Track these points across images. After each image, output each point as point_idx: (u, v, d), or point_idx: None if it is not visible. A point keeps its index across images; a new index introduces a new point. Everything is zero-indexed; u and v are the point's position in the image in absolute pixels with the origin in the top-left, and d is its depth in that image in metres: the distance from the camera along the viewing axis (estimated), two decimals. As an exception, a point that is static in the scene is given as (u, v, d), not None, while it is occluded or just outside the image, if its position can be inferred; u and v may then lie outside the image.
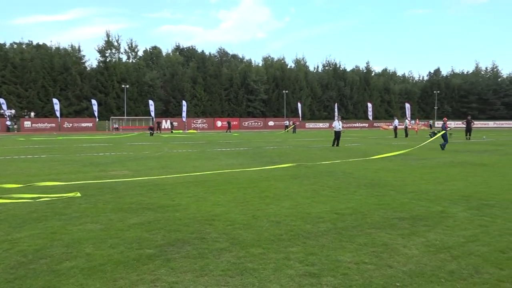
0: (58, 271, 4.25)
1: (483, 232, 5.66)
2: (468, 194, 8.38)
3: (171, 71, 71.11)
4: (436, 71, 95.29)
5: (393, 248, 4.98)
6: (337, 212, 6.80)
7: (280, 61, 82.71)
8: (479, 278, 4.05)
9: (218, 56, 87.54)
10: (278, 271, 4.23)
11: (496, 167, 13.07)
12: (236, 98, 74.38)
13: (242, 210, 7.02)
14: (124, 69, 66.08)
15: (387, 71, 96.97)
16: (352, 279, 4.03)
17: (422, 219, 6.38)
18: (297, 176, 11.03)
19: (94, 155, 18.15)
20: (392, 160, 15.24)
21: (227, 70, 75.95)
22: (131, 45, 72.64)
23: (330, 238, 5.39)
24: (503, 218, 6.43)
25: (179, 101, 66.37)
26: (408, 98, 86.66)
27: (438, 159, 15.53)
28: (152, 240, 5.32)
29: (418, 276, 4.09)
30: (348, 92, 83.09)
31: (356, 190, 8.88)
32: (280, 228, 5.84)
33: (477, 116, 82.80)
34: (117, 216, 6.58)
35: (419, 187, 9.34)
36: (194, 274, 4.18)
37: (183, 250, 4.90)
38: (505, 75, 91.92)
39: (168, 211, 6.97)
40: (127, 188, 9.21)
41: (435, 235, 5.50)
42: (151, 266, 4.40)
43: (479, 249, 4.94)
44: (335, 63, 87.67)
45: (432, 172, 11.96)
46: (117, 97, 65.09)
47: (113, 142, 28.99)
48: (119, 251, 4.86)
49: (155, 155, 18.13)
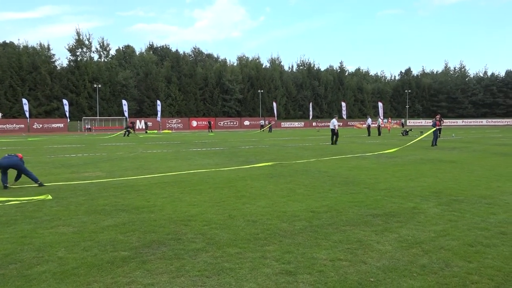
0: (29, 276, 4.13)
1: (452, 227, 5.84)
2: (438, 190, 8.64)
3: (145, 70, 70.11)
4: (407, 71, 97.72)
5: (367, 244, 5.08)
6: (312, 210, 6.88)
7: (255, 60, 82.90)
8: (449, 271, 4.19)
9: (192, 55, 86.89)
10: (254, 270, 4.25)
11: (465, 164, 13.52)
12: (212, 97, 74.05)
13: (218, 210, 7.01)
14: (96, 68, 64.72)
15: (360, 70, 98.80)
16: (328, 275, 4.09)
17: (395, 215, 6.53)
18: (273, 175, 11.09)
19: (66, 156, 17.69)
20: (366, 158, 15.53)
21: (202, 70, 75.50)
22: (103, 43, 71.25)
23: (306, 236, 5.45)
24: (471, 213, 6.67)
25: (154, 101, 65.53)
26: (380, 97, 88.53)
27: (409, 157, 15.93)
28: (126, 242, 5.24)
29: (391, 271, 4.19)
30: (322, 91, 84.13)
31: (331, 188, 9.00)
32: (257, 227, 5.86)
33: (446, 114, 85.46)
34: (90, 219, 6.44)
35: (391, 184, 9.55)
36: (170, 275, 4.14)
37: (159, 252, 4.85)
38: (472, 75, 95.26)
39: (143, 212, 6.87)
40: (101, 190, 9.02)
41: (407, 231, 5.64)
42: (126, 268, 4.33)
43: (449, 243, 5.10)
44: (309, 63, 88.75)
45: (403, 169, 12.26)
46: (89, 97, 63.70)
47: (86, 143, 28.34)
48: (92, 254, 4.76)
49: (129, 155, 17.83)
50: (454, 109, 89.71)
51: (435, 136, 22.07)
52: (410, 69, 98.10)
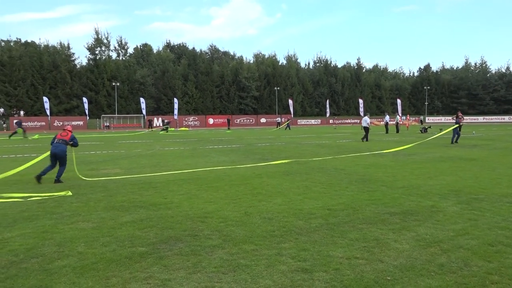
0: (50, 270, 4.24)
1: (472, 226, 5.74)
2: (458, 189, 8.48)
3: (162, 68, 70.71)
4: (426, 67, 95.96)
5: (384, 243, 5.03)
6: (329, 208, 6.84)
7: (271, 57, 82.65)
8: (468, 271, 4.12)
9: (209, 53, 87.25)
10: (270, 267, 4.26)
11: (485, 162, 13.23)
12: (228, 95, 74.22)
13: (234, 207, 7.04)
14: (114, 67, 65.55)
15: (378, 67, 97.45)
16: (344, 274, 4.08)
17: (412, 213, 6.45)
18: (289, 173, 11.07)
19: (85, 153, 18.02)
20: (383, 156, 15.35)
21: (218, 67, 75.70)
22: (121, 42, 72.04)
23: (322, 233, 5.43)
24: (492, 211, 6.53)
25: (171, 99, 66.07)
26: (399, 94, 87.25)
27: (428, 155, 15.68)
28: (144, 238, 5.31)
29: (408, 270, 4.15)
30: (339, 88, 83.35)
31: (347, 186, 8.94)
32: (273, 225, 5.87)
33: (467, 111, 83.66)
34: (109, 215, 6.56)
35: (409, 182, 9.43)
36: (187, 271, 4.19)
37: (176, 248, 4.90)
38: (493, 71, 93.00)
39: (160, 208, 6.96)
40: (119, 187, 9.17)
41: (426, 230, 5.56)
42: (143, 263, 4.40)
43: (468, 242, 5.01)
44: (326, 60, 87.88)
45: (422, 167, 12.07)
46: (107, 95, 64.60)
47: (105, 140, 28.80)
48: (111, 250, 4.85)
49: (147, 153, 18.05)
50: (475, 105, 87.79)
51: (455, 133, 21.71)
52: (429, 65, 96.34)
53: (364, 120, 25.00)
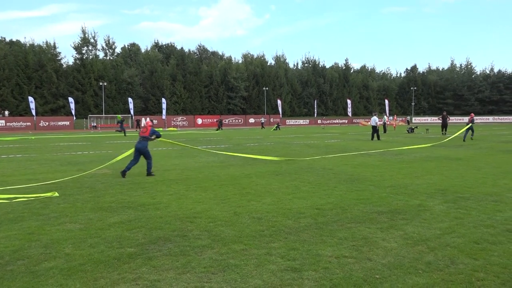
0: (36, 272, 4.18)
1: (458, 224, 5.83)
2: (444, 188, 8.60)
3: (150, 68, 70.24)
4: (413, 68, 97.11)
5: (372, 241, 5.08)
6: (317, 208, 6.88)
7: (260, 58, 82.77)
8: (454, 269, 4.18)
9: (197, 53, 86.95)
10: (260, 267, 4.27)
11: (471, 161, 13.44)
12: (217, 95, 74.06)
13: (223, 207, 7.03)
14: (101, 66, 64.89)
15: (365, 68, 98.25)
16: (333, 272, 4.10)
17: (400, 212, 6.52)
18: (278, 173, 11.09)
19: (72, 154, 17.81)
20: (371, 156, 15.49)
21: (207, 67, 75.50)
22: (109, 41, 71.43)
23: (311, 233, 5.46)
24: (478, 210, 6.64)
25: (159, 99, 65.68)
26: (386, 95, 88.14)
27: (415, 154, 15.86)
28: (133, 238, 5.27)
29: (396, 268, 4.20)
30: (327, 88, 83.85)
31: (336, 186, 8.99)
32: (262, 224, 5.88)
33: (453, 111, 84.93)
34: (96, 215, 6.50)
35: (397, 181, 9.53)
36: (176, 271, 4.17)
37: (165, 248, 4.88)
38: (478, 72, 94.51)
39: (149, 209, 6.92)
40: (107, 187, 9.09)
41: (413, 228, 5.63)
42: (132, 264, 4.37)
43: (455, 240, 5.09)
44: (314, 60, 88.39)
45: (409, 166, 12.21)
46: (94, 95, 63.93)
47: (92, 140, 28.49)
48: (99, 251, 4.80)
49: (135, 153, 17.89)
50: (460, 106, 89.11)
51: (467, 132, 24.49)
52: (416, 66, 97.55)
53: (373, 119, 25.59)
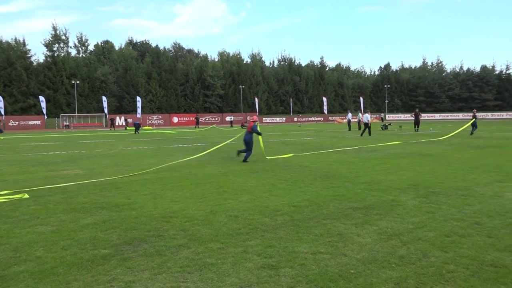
0: (6, 276, 4.05)
1: (430, 218, 5.99)
2: (417, 183, 8.82)
3: (124, 66, 69.03)
4: (387, 66, 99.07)
5: (347, 237, 5.16)
6: (294, 205, 6.93)
7: (236, 56, 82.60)
8: (426, 262, 4.30)
9: (173, 51, 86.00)
10: (236, 265, 4.27)
11: (442, 157, 13.83)
12: (193, 93, 73.51)
13: (200, 206, 6.99)
14: (74, 64, 63.34)
15: (340, 66, 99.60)
16: (309, 268, 4.14)
17: (374, 208, 6.64)
18: (255, 171, 11.11)
19: (44, 154, 17.32)
20: (346, 153, 15.72)
21: (182, 65, 74.80)
22: (81, 39, 69.77)
23: (288, 230, 5.50)
24: (448, 204, 6.84)
25: (133, 97, 64.67)
26: (360, 92, 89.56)
27: (388, 151, 16.19)
28: (107, 240, 5.18)
29: (371, 263, 4.28)
30: (303, 86, 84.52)
31: (312, 183, 9.08)
32: (239, 222, 5.88)
33: (424, 109, 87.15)
34: (69, 217, 6.34)
35: (371, 177, 9.70)
36: (152, 272, 4.12)
37: (140, 249, 4.81)
38: (449, 70, 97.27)
39: (123, 209, 6.80)
40: (80, 187, 8.89)
41: (387, 223, 5.75)
42: (106, 266, 4.29)
43: (426, 234, 5.23)
44: (290, 58, 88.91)
45: (383, 163, 12.46)
46: (67, 94, 62.37)
47: (64, 140, 27.79)
48: (72, 253, 4.69)
49: (109, 152, 17.59)
50: (432, 103, 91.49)
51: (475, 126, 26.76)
52: (389, 65, 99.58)
53: (366, 116, 27.40)
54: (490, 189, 8.05)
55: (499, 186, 8.36)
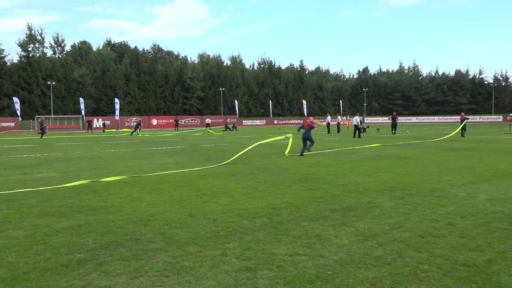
0: (-25, 283, 3.92)
1: (405, 219, 6.11)
2: (393, 185, 8.99)
3: (102, 67, 67.98)
4: (365, 70, 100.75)
5: (325, 238, 5.21)
6: (273, 207, 6.96)
7: (216, 58, 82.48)
8: (401, 262, 4.38)
9: (152, 52, 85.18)
10: (214, 268, 4.25)
11: (418, 159, 14.13)
12: (172, 95, 72.96)
13: (178, 209, 6.94)
14: (49, 65, 62.00)
15: (320, 69, 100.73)
16: (287, 270, 4.17)
17: (352, 210, 6.73)
18: (234, 173, 11.10)
19: (18, 156, 16.86)
20: (325, 155, 15.88)
21: (162, 67, 74.21)
22: (58, 39, 68.47)
23: (266, 232, 5.51)
24: (423, 205, 6.99)
25: (112, 99, 63.75)
26: (340, 96, 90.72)
27: (366, 153, 16.44)
28: (82, 244, 5.08)
29: (348, 264, 4.33)
30: (283, 89, 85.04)
31: (291, 185, 9.14)
32: (217, 225, 5.86)
33: (401, 112, 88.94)
34: (43, 221, 6.19)
35: (349, 179, 9.83)
36: (128, 276, 4.07)
37: (117, 253, 4.74)
38: (424, 74, 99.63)
39: (100, 213, 6.69)
40: (55, 191, 8.69)
41: (364, 224, 5.84)
42: (81, 271, 4.21)
43: (402, 235, 5.33)
44: (270, 61, 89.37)
45: (361, 165, 12.64)
46: (42, 95, 60.94)
47: (39, 142, 27.12)
48: (45, 258, 4.58)
49: (86, 155, 17.26)
50: (408, 106, 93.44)
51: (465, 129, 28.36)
52: (367, 68, 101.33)
53: (355, 119, 28.64)
54: (464, 191, 8.27)
55: (471, 188, 8.60)
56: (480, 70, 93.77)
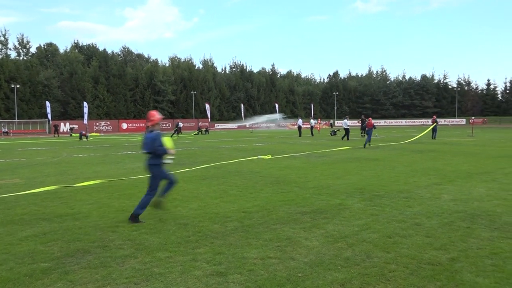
0: None
1: (374, 220, 6.24)
2: (362, 187, 9.17)
3: (70, 70, 66.13)
4: (335, 74, 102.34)
5: (296, 241, 5.25)
6: (244, 211, 6.96)
7: (187, 61, 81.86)
8: (370, 262, 4.47)
9: (122, 55, 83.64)
10: (185, 274, 4.21)
11: (386, 161, 14.48)
12: (143, 99, 71.80)
13: (148, 214, 6.81)
14: (13, 67, 59.75)
15: (291, 73, 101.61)
16: (258, 274, 4.17)
17: (322, 212, 6.82)
18: (206, 177, 11.03)
19: (-22, 163, 16.14)
20: (296, 158, 16.03)
21: (132, 70, 72.91)
22: (22, 41, 66.11)
23: (237, 236, 5.51)
24: (391, 206, 7.17)
25: (80, 102, 62.02)
26: (311, 99, 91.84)
27: (336, 156, 16.71)
28: (47, 252, 4.92)
29: (318, 266, 4.38)
30: (255, 93, 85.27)
31: (262, 188, 9.17)
32: (188, 230, 5.81)
33: (371, 115, 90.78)
34: (5, 230, 5.95)
35: (320, 182, 9.96)
36: (96, 284, 3.97)
37: (84, 261, 4.61)
38: (392, 78, 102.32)
39: (66, 220, 6.49)
40: (18, 198, 8.37)
41: (333, 226, 5.92)
42: (46, 280, 4.07)
43: (370, 236, 5.44)
44: (242, 65, 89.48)
45: (331, 168, 12.83)
46: (5, 98, 58.62)
47: (2, 148, 26.07)
48: (7, 268, 4.41)
49: (52, 160, 16.73)
50: (377, 110, 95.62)
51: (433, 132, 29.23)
52: (337, 73, 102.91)
53: (344, 122, 29.91)
54: (429, 191, 8.54)
55: (437, 188, 8.89)
56: (445, 74, 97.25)
